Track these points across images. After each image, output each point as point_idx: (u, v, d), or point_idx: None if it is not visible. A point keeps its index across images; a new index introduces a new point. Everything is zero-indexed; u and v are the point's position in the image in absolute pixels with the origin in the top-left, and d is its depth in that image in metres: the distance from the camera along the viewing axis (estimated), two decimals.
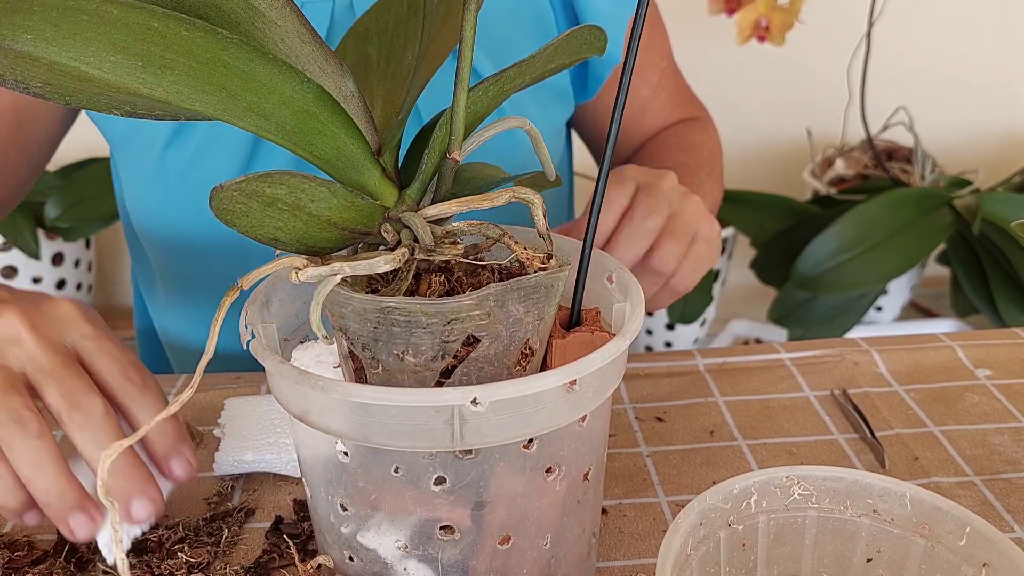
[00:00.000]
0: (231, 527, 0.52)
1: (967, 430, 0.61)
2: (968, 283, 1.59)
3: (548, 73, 0.42)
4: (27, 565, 0.50)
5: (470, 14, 0.36)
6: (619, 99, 0.39)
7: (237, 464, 0.56)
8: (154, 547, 0.51)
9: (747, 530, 0.40)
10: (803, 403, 0.65)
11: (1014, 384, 0.66)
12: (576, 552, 0.43)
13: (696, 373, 0.69)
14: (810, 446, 0.60)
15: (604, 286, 0.45)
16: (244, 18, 0.37)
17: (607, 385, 0.40)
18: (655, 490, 0.56)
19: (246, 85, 0.33)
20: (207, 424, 0.62)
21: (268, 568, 0.50)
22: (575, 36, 0.42)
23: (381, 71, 0.43)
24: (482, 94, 0.40)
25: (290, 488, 0.56)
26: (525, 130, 0.41)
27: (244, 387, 0.66)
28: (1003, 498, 0.55)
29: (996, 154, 1.95)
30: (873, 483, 0.40)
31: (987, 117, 1.96)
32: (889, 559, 0.40)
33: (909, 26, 1.79)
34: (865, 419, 0.62)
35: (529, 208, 0.39)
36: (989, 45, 1.89)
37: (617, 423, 0.63)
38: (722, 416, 0.63)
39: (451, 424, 0.36)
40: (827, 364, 0.69)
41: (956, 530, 0.38)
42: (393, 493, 0.38)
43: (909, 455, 0.59)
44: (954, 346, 0.71)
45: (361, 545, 0.40)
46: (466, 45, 0.36)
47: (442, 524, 0.39)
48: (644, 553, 0.51)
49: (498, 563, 0.40)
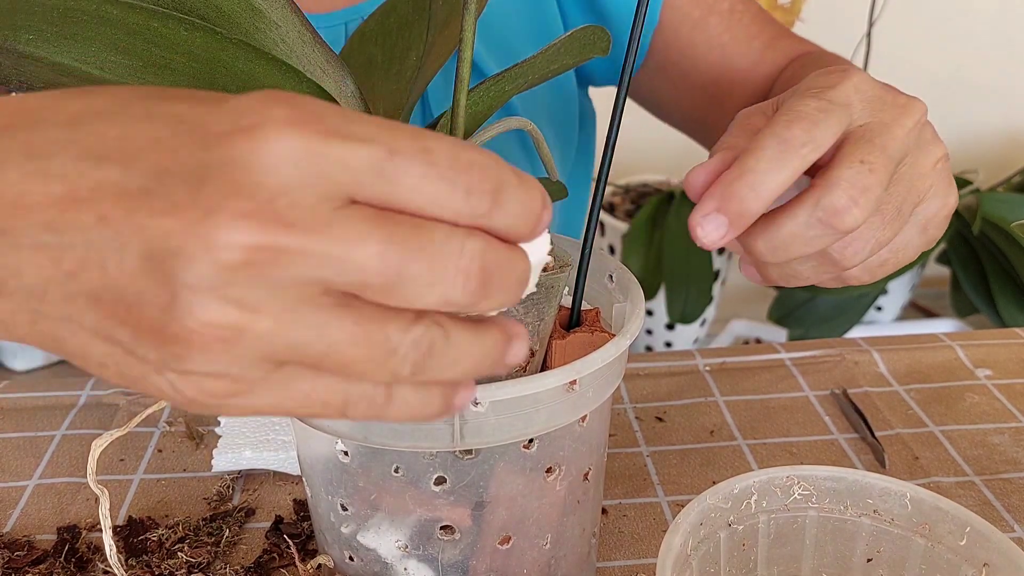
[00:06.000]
0: (231, 527, 0.52)
1: (967, 430, 0.61)
2: (968, 283, 1.59)
3: (551, 73, 0.42)
4: (27, 565, 0.50)
5: (470, 15, 0.36)
6: (619, 99, 0.39)
7: (236, 461, 0.57)
8: (154, 547, 0.51)
9: (747, 530, 0.40)
10: (803, 403, 0.65)
11: (1014, 384, 0.66)
12: (576, 552, 0.43)
13: (696, 373, 0.69)
14: (810, 446, 0.60)
15: (604, 286, 0.45)
16: (244, 18, 0.37)
17: (607, 385, 0.40)
18: (655, 490, 0.56)
19: (246, 85, 0.33)
20: (207, 424, 0.62)
21: (268, 568, 0.50)
22: (578, 36, 0.42)
23: (384, 71, 0.43)
24: (483, 94, 0.40)
25: (290, 488, 0.56)
26: (527, 131, 0.41)
27: None
28: (1003, 498, 0.55)
29: (996, 154, 1.95)
30: (873, 483, 0.40)
31: (987, 117, 1.96)
32: (889, 559, 0.40)
33: (909, 26, 1.79)
34: (865, 419, 0.62)
35: None
36: (989, 45, 1.89)
37: (617, 423, 0.63)
38: (722, 416, 0.63)
39: (451, 424, 0.36)
40: (827, 364, 0.69)
41: (956, 530, 0.38)
42: (393, 493, 0.38)
43: (909, 455, 0.59)
44: (954, 346, 0.71)
45: (361, 545, 0.40)
46: (466, 46, 0.36)
47: (442, 524, 0.39)
48: (644, 553, 0.51)
49: (498, 563, 0.40)
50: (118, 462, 0.59)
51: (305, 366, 0.26)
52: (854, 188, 0.36)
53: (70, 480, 0.57)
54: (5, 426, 0.63)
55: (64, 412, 0.64)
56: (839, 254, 0.39)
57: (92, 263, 0.24)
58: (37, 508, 0.55)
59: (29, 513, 0.55)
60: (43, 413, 0.64)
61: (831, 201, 0.36)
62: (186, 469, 0.58)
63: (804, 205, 0.37)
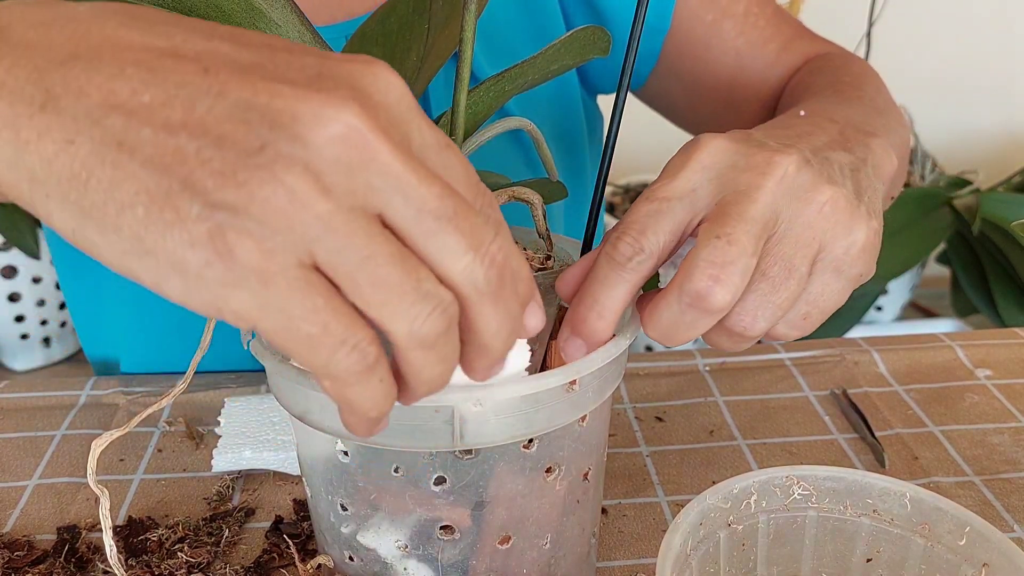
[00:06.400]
0: (231, 527, 0.52)
1: (967, 430, 0.61)
2: (968, 283, 1.59)
3: (552, 74, 0.42)
4: (27, 565, 0.50)
5: (470, 15, 0.36)
6: (619, 100, 0.39)
7: (235, 461, 0.57)
8: (154, 547, 0.51)
9: (747, 530, 0.40)
10: (803, 403, 0.65)
11: (1014, 384, 0.66)
12: (576, 552, 0.43)
13: (696, 373, 0.69)
14: (810, 446, 0.60)
15: None
16: (244, 18, 0.37)
17: (607, 385, 0.40)
18: (655, 490, 0.56)
19: None
20: (207, 424, 0.62)
21: (268, 568, 0.50)
22: (578, 36, 0.42)
23: None
24: (483, 95, 0.40)
25: (290, 488, 0.57)
26: (527, 131, 0.41)
27: (244, 387, 0.66)
28: (1003, 498, 0.55)
29: (996, 154, 1.96)
30: (873, 483, 0.40)
31: (987, 117, 1.96)
32: (889, 559, 0.40)
33: (909, 26, 1.79)
34: (865, 419, 0.62)
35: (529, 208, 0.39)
36: (989, 45, 1.89)
37: (617, 423, 0.63)
38: (722, 416, 0.63)
39: (451, 424, 0.36)
40: (827, 364, 0.69)
41: (956, 530, 0.38)
42: (393, 493, 0.38)
43: (909, 455, 0.59)
44: (954, 346, 0.71)
45: (361, 545, 0.40)
46: (466, 46, 0.36)
47: (442, 524, 0.39)
48: (644, 553, 0.51)
49: (498, 563, 0.40)
50: (118, 462, 0.59)
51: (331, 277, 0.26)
52: (713, 266, 0.35)
53: (70, 480, 0.57)
54: (5, 426, 0.63)
55: (64, 412, 0.64)
56: (737, 327, 0.38)
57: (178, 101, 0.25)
58: (37, 508, 0.55)
59: (29, 513, 0.55)
60: (43, 413, 0.64)
61: (692, 286, 0.36)
62: (186, 469, 0.58)
63: (671, 292, 0.37)
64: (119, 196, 0.25)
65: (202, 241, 0.25)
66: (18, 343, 1.78)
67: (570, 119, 0.76)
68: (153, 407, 0.39)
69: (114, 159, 0.25)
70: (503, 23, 0.70)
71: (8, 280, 1.72)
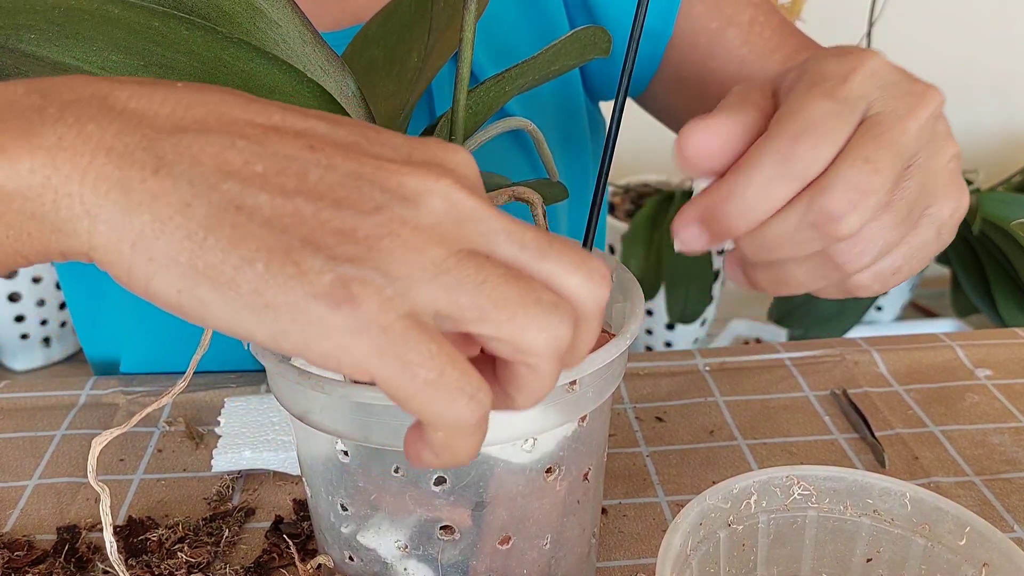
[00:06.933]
0: (231, 527, 0.52)
1: (967, 430, 0.61)
2: (968, 283, 1.59)
3: (552, 74, 0.42)
4: (27, 565, 0.50)
5: (469, 15, 0.36)
6: (619, 100, 0.39)
7: (235, 461, 0.57)
8: (154, 547, 0.51)
9: (747, 530, 0.40)
10: (803, 403, 0.65)
11: (1014, 384, 0.66)
12: (576, 552, 0.43)
13: (696, 373, 0.69)
14: (810, 446, 0.60)
15: None
16: (245, 18, 0.37)
17: (607, 385, 0.40)
18: (655, 490, 0.56)
19: (246, 84, 0.34)
20: (207, 424, 0.62)
21: (268, 568, 0.50)
22: (579, 37, 0.42)
23: (385, 73, 0.43)
24: (483, 95, 0.40)
25: (290, 488, 0.57)
26: (528, 131, 0.41)
27: (244, 387, 0.66)
28: (1003, 498, 0.55)
29: (996, 154, 1.96)
30: (873, 483, 0.40)
31: (987, 117, 1.96)
32: (889, 559, 0.40)
33: (909, 26, 1.79)
34: (865, 419, 0.62)
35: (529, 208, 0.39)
36: (989, 45, 1.89)
37: (617, 423, 0.63)
38: (722, 416, 0.63)
39: None
40: (827, 364, 0.69)
41: (956, 530, 0.38)
42: (393, 493, 0.38)
43: (909, 455, 0.59)
44: (954, 346, 0.71)
45: (361, 545, 0.40)
46: (466, 46, 0.36)
47: (442, 524, 0.39)
48: (644, 553, 0.51)
49: (498, 563, 0.40)
50: (118, 462, 0.59)
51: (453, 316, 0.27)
52: (854, 191, 0.32)
53: (70, 480, 0.57)
54: (5, 426, 0.63)
55: (64, 412, 0.64)
56: (841, 256, 0.35)
57: (291, 171, 0.26)
58: (37, 508, 0.55)
59: (29, 513, 0.55)
60: (43, 413, 0.64)
61: (826, 204, 0.32)
62: (186, 469, 0.58)
63: (795, 205, 0.33)
64: (238, 253, 0.25)
65: (325, 291, 0.25)
66: (18, 343, 1.78)
67: (573, 120, 0.75)
68: (153, 406, 0.39)
69: (233, 220, 0.25)
70: (505, 23, 0.70)
71: (8, 280, 1.72)
